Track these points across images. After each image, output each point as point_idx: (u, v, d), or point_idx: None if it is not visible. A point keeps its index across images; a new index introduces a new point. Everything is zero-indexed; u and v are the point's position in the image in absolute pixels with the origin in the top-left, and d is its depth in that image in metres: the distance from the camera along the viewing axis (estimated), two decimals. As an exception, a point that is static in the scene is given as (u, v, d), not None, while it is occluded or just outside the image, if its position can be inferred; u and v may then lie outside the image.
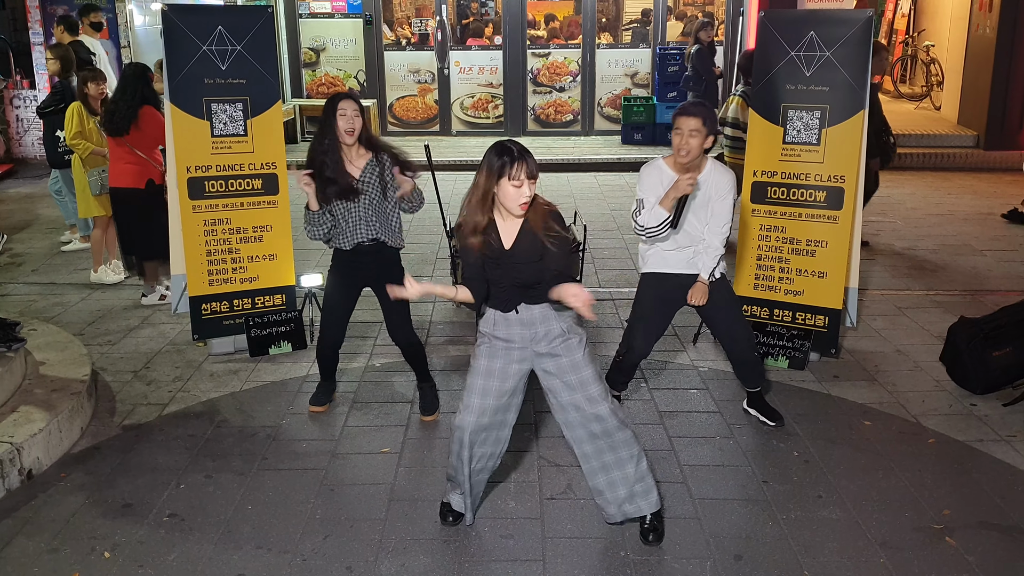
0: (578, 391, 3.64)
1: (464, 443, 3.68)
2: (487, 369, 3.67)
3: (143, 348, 5.94)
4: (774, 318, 5.64)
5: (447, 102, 13.79)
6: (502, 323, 3.67)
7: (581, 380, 3.64)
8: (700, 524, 3.93)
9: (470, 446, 3.70)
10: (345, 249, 4.67)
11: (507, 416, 3.76)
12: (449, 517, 3.95)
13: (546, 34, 13.87)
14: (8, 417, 4.52)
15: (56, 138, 7.79)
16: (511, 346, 3.67)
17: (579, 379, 3.64)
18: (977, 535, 3.84)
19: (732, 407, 5.03)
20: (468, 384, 3.71)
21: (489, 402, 3.67)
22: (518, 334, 3.66)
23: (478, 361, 3.70)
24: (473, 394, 3.68)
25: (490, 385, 3.67)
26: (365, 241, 4.64)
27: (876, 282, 7.23)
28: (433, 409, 4.98)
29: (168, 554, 3.74)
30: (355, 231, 4.62)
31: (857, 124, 5.31)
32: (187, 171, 5.53)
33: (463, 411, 3.68)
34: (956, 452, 4.56)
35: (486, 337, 3.72)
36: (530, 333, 3.65)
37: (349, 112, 4.51)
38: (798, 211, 5.50)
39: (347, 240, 4.64)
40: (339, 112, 4.49)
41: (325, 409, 5.03)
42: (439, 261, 7.78)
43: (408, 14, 13.94)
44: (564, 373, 3.65)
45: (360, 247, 4.66)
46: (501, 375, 3.67)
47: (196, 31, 5.43)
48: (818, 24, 5.35)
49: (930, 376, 5.43)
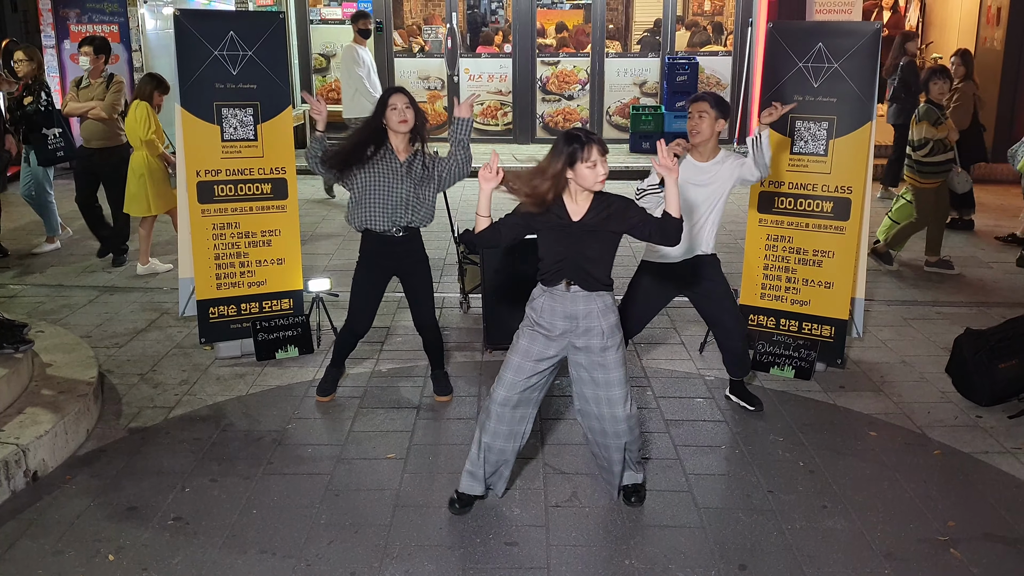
0: (602, 389, 3.88)
1: (492, 413, 3.94)
2: (526, 349, 3.89)
3: (150, 351, 5.96)
4: (780, 328, 5.64)
5: (456, 109, 13.80)
6: (547, 311, 3.85)
7: (608, 380, 3.87)
8: (705, 533, 3.93)
9: (497, 417, 3.94)
10: (376, 231, 4.86)
11: (535, 395, 3.99)
12: (456, 504, 4.07)
13: (555, 42, 13.90)
14: (14, 419, 4.54)
15: (44, 136, 7.89)
16: (551, 334, 3.86)
17: (606, 379, 3.87)
18: (982, 547, 3.83)
19: (738, 416, 5.03)
20: (506, 360, 3.94)
21: (521, 378, 3.89)
22: (561, 325, 3.85)
23: (519, 341, 3.92)
24: (508, 369, 3.92)
25: (525, 365, 3.89)
26: (399, 229, 4.85)
27: (882, 293, 7.22)
28: (447, 391, 5.23)
29: (173, 558, 3.75)
30: (394, 213, 4.80)
31: (864, 135, 5.32)
32: (196, 175, 5.55)
33: (496, 384, 3.94)
34: (961, 464, 4.55)
35: (530, 321, 3.91)
36: (572, 325, 3.84)
37: (400, 105, 4.72)
38: (805, 221, 5.51)
39: (383, 222, 4.81)
40: (390, 106, 4.71)
41: (332, 398, 5.21)
42: (446, 268, 7.79)
43: (418, 22, 13.98)
44: (594, 369, 3.87)
45: (391, 237, 4.86)
46: (538, 357, 3.88)
47: (208, 36, 5.46)
48: (826, 36, 5.37)
49: (936, 387, 5.42)
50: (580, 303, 3.81)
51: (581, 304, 3.81)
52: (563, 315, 3.83)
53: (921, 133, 7.52)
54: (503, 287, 5.79)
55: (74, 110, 7.71)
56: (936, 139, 7.46)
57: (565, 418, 4.96)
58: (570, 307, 3.82)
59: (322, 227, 9.23)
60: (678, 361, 5.81)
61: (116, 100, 7.71)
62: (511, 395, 3.90)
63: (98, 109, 7.62)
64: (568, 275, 3.79)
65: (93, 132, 7.71)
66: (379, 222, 4.82)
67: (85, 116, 7.67)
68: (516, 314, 5.74)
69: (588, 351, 3.85)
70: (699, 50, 13.66)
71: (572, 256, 3.77)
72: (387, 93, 4.79)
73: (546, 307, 3.85)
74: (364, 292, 5.02)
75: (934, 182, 7.64)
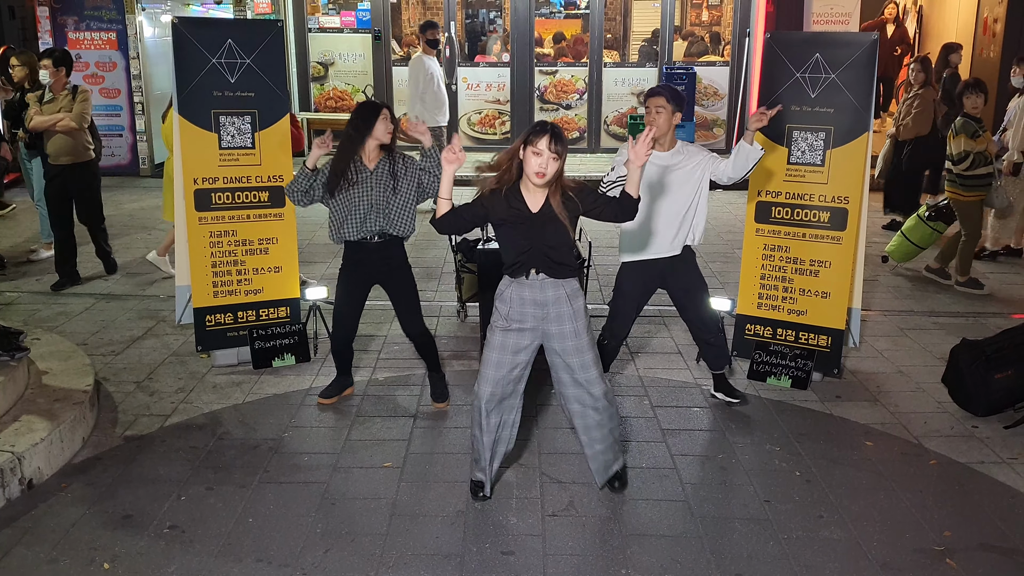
0: (579, 373, 4.04)
1: (481, 411, 4.09)
2: (501, 344, 4.03)
3: (146, 359, 5.95)
4: (777, 337, 5.64)
5: (454, 118, 13.82)
6: (516, 301, 3.98)
7: (583, 363, 4.03)
8: (702, 542, 3.92)
9: (486, 414, 4.09)
10: (352, 240, 4.92)
11: (518, 386, 4.14)
12: (480, 492, 4.23)
13: (553, 52, 13.93)
14: (10, 426, 4.53)
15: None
16: (523, 325, 4.00)
17: (581, 362, 4.03)
18: (978, 557, 3.83)
19: (735, 426, 5.03)
20: (484, 358, 4.08)
21: (502, 373, 4.04)
22: (531, 314, 3.98)
23: (494, 336, 4.05)
24: (488, 366, 4.05)
25: (504, 359, 4.03)
26: (373, 235, 4.90)
27: (879, 303, 7.23)
28: (444, 397, 5.28)
29: (168, 566, 3.74)
30: (364, 221, 4.86)
31: (861, 146, 5.33)
32: (194, 183, 5.56)
33: (480, 382, 4.08)
34: (957, 474, 4.55)
35: (500, 317, 4.03)
36: (542, 313, 3.98)
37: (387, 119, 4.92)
38: (802, 231, 5.52)
39: (355, 231, 4.88)
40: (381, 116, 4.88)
41: (334, 401, 5.28)
42: (444, 276, 7.79)
43: (416, 30, 14.00)
44: (568, 354, 4.02)
45: (368, 244, 4.92)
46: (514, 349, 4.03)
47: (206, 44, 5.46)
48: (823, 46, 5.38)
49: (932, 397, 5.43)
50: (548, 289, 3.96)
51: (550, 291, 3.96)
52: (532, 303, 3.97)
53: (960, 146, 7.40)
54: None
55: (40, 123, 7.27)
56: (976, 151, 7.34)
57: (562, 428, 4.95)
58: (539, 295, 3.96)
59: (319, 235, 9.23)
60: (675, 371, 5.81)
61: (84, 110, 7.38)
62: (496, 390, 4.05)
63: (67, 120, 7.26)
64: (533, 264, 3.93)
65: (61, 148, 7.33)
66: (352, 232, 4.89)
67: (53, 130, 7.28)
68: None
69: (561, 336, 3.99)
70: (697, 60, 13.70)
71: (535, 246, 3.90)
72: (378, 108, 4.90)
73: (515, 297, 3.98)
74: (344, 300, 5.08)
75: (978, 195, 7.52)
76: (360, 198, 4.86)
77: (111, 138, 11.78)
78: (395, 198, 4.91)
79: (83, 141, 7.44)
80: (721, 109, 13.44)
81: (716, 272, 7.89)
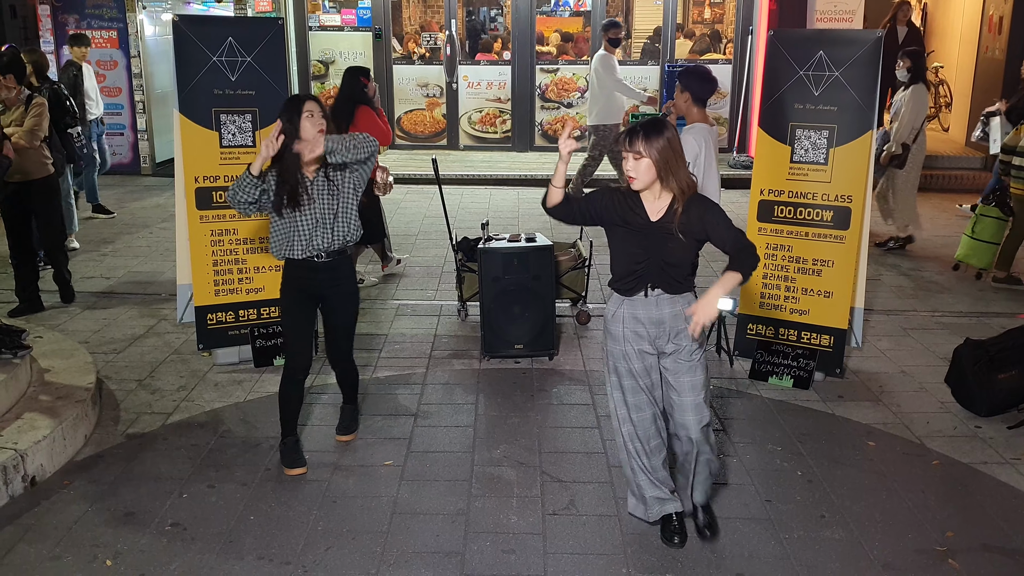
0: (687, 395, 3.74)
1: (631, 451, 3.86)
2: (628, 371, 3.78)
3: (148, 357, 5.95)
4: (779, 337, 5.64)
5: (455, 116, 13.82)
6: (631, 321, 3.74)
7: (694, 384, 3.75)
8: (703, 542, 3.92)
9: (642, 449, 3.84)
10: (297, 259, 4.34)
11: (655, 408, 3.84)
12: (675, 539, 3.86)
13: (555, 50, 13.92)
14: (13, 424, 4.53)
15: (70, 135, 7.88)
16: (641, 340, 3.75)
17: (692, 383, 3.75)
18: (980, 558, 3.82)
19: (736, 425, 5.03)
20: (611, 396, 3.87)
21: (638, 400, 3.80)
22: (647, 331, 3.74)
23: (619, 377, 3.81)
24: (620, 406, 3.84)
25: (639, 384, 3.79)
26: (321, 255, 4.34)
27: (882, 303, 7.22)
28: (351, 430, 4.88)
29: (170, 563, 3.74)
30: (311, 239, 4.30)
31: (865, 144, 5.32)
32: (195, 181, 5.55)
33: (620, 422, 3.85)
34: (960, 474, 4.55)
35: (616, 339, 3.78)
36: (657, 331, 3.73)
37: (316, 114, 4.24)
38: (805, 230, 5.51)
39: (302, 250, 4.31)
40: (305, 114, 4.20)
41: (305, 471, 4.49)
42: (444, 275, 7.79)
43: (417, 29, 14.00)
44: (681, 373, 3.75)
45: (314, 263, 4.35)
46: (641, 374, 3.79)
47: (206, 42, 5.46)
48: (827, 44, 5.37)
49: (935, 397, 5.42)
50: (665, 307, 3.70)
51: (667, 307, 3.70)
52: (648, 321, 3.72)
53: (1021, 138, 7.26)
54: (501, 295, 5.78)
55: None
56: None
57: (563, 426, 4.95)
58: (655, 312, 3.71)
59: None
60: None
61: (36, 124, 6.57)
62: (637, 420, 3.82)
63: (17, 136, 6.42)
64: (649, 280, 3.68)
65: (15, 165, 6.29)
66: (299, 251, 4.31)
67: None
68: (513, 322, 5.80)
69: (677, 355, 3.74)
70: (699, 58, 13.67)
71: (651, 258, 3.65)
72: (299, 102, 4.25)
73: (628, 317, 3.74)
74: (295, 323, 4.48)
75: None
76: (303, 216, 4.26)
77: (112, 137, 11.77)
78: (339, 207, 4.31)
79: (39, 156, 6.66)
80: (723, 107, 13.41)
81: (718, 271, 7.85)
